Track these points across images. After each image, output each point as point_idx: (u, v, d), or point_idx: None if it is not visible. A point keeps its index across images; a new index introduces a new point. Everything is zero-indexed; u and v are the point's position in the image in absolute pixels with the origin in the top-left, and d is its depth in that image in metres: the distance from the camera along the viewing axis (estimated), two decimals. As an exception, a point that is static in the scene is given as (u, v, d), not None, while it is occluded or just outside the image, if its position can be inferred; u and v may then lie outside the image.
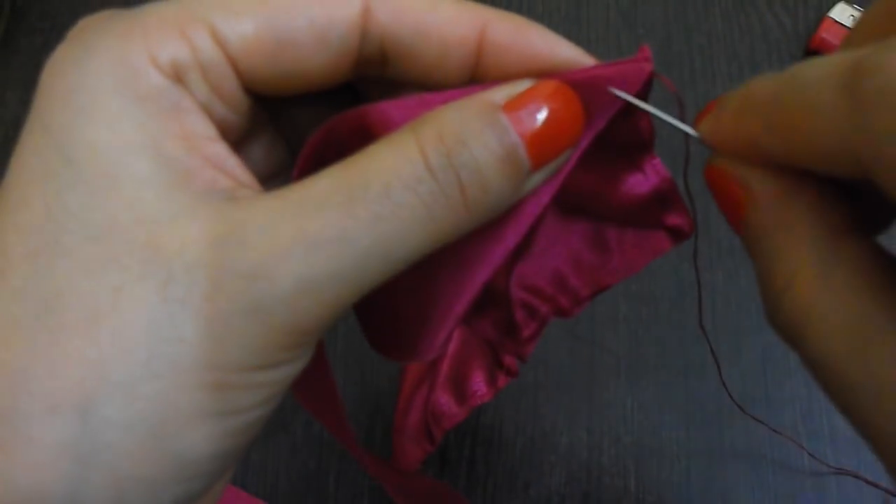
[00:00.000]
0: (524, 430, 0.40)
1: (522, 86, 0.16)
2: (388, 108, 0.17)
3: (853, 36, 0.15)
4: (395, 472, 0.31)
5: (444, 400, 0.32)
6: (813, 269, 0.14)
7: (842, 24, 0.46)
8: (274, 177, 0.20)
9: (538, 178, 0.16)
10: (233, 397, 0.15)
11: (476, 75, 0.18)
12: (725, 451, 0.39)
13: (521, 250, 0.23)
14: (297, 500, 0.39)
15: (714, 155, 0.17)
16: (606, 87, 0.17)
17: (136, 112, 0.15)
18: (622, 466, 0.39)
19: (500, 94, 0.16)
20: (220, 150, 0.16)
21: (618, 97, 0.17)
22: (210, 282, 0.14)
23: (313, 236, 0.14)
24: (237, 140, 0.19)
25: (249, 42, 0.16)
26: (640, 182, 0.21)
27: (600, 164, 0.21)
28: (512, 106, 0.16)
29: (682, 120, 0.18)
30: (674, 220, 0.22)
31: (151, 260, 0.14)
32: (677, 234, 0.22)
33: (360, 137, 0.17)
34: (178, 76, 0.16)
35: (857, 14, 0.46)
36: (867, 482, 0.37)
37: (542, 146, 0.16)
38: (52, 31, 0.52)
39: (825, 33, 0.46)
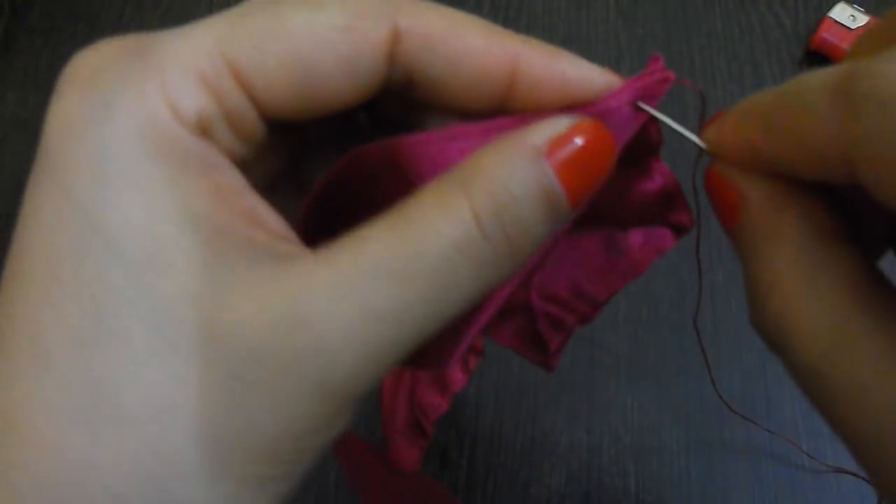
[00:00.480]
0: (524, 430, 0.40)
1: (560, 125, 0.16)
2: (420, 143, 0.17)
3: (853, 51, 0.16)
4: (392, 475, 0.32)
5: (427, 393, 0.33)
6: (797, 275, 0.14)
7: (842, 24, 0.46)
8: (274, 184, 0.20)
9: (574, 213, 0.17)
10: (291, 466, 0.15)
11: (507, 104, 0.17)
12: (725, 451, 0.39)
13: (540, 260, 0.24)
14: (297, 500, 0.39)
15: (714, 161, 0.17)
16: (631, 103, 0.18)
17: (166, 176, 0.14)
18: (622, 466, 0.39)
19: (541, 136, 0.16)
20: (253, 201, 0.16)
21: (642, 110, 0.18)
22: (276, 365, 0.14)
23: (374, 312, 0.14)
24: (261, 173, 0.18)
25: (274, 81, 0.15)
26: (648, 185, 0.21)
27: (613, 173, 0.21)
28: (553, 150, 0.16)
29: (704, 116, 0.18)
30: (677, 216, 0.22)
31: (211, 345, 0.14)
32: (680, 230, 0.22)
33: (390, 171, 0.17)
34: (203, 129, 0.15)
35: (857, 14, 0.46)
36: (867, 481, 0.37)
37: (581, 187, 0.16)
38: (52, 31, 0.52)
39: (825, 33, 0.46)
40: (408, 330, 0.14)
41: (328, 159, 0.20)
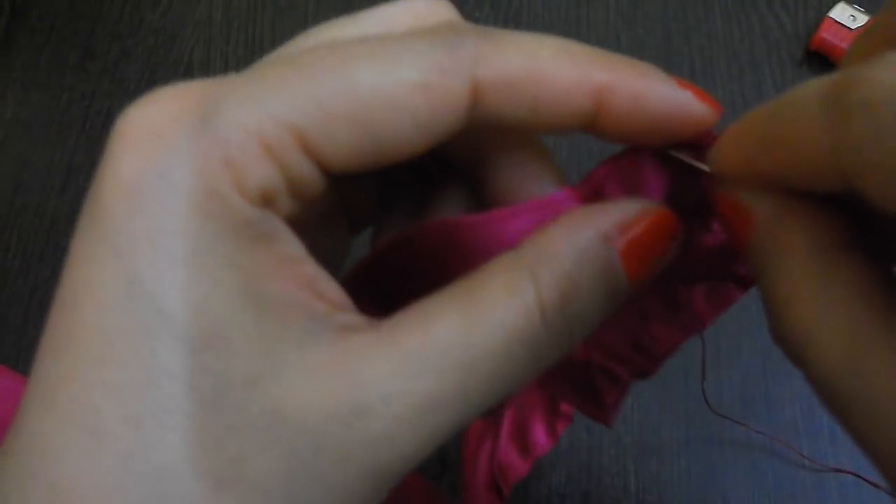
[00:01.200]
0: (524, 430, 0.40)
1: (629, 210, 0.16)
2: (479, 223, 0.16)
3: (843, 62, 0.16)
4: None
5: (509, 453, 0.32)
6: (809, 287, 0.14)
7: (842, 24, 0.46)
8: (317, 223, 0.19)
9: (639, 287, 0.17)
10: None
11: (592, 129, 0.17)
12: (725, 451, 0.39)
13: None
14: (297, 500, 0.39)
15: (719, 181, 0.17)
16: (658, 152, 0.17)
17: (227, 252, 0.14)
18: (622, 466, 0.39)
19: (609, 221, 0.16)
20: (313, 270, 0.15)
21: (671, 155, 0.17)
22: (337, 452, 0.14)
23: (437, 400, 0.14)
24: (322, 220, 0.18)
25: (343, 147, 0.14)
26: (709, 239, 0.20)
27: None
28: (621, 236, 0.16)
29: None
30: (742, 270, 0.21)
31: (270, 429, 0.13)
32: (745, 283, 0.21)
33: (448, 250, 0.17)
34: (266, 201, 0.14)
35: (857, 14, 0.46)
36: (867, 482, 0.37)
37: (643, 272, 0.16)
38: (51, 31, 0.52)
39: (825, 33, 0.46)
40: (464, 415, 0.15)
41: (385, 198, 0.20)
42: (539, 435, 0.30)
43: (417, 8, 0.17)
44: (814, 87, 0.13)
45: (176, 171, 0.14)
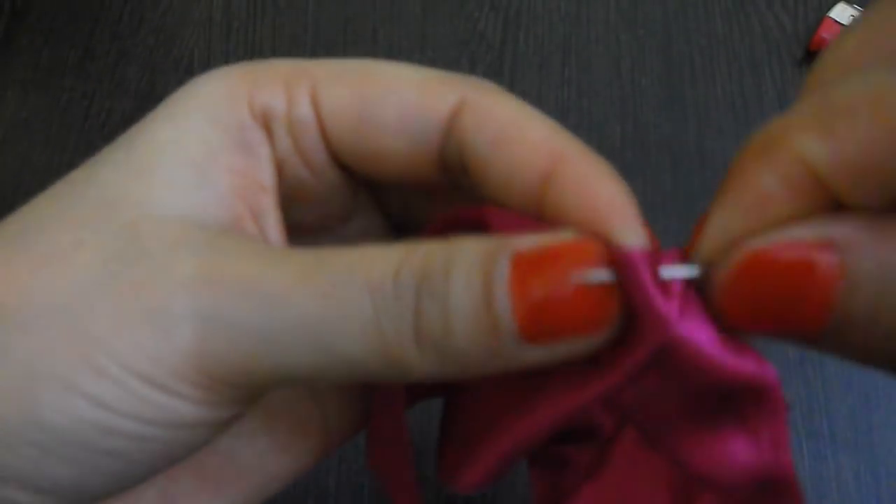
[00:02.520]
0: (524, 430, 0.40)
1: (557, 238, 0.14)
2: (498, 215, 0.16)
3: (819, 76, 0.15)
4: None
5: None
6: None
7: (842, 25, 0.46)
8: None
9: (540, 354, 0.14)
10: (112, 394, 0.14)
11: (541, 209, 0.16)
12: (725, 451, 0.39)
13: (590, 472, 0.18)
14: (298, 500, 0.39)
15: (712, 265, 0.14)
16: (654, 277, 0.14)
17: (207, 131, 0.16)
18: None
19: (528, 241, 0.14)
20: (266, 203, 0.17)
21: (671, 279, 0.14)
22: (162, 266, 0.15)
23: (259, 286, 0.14)
24: (329, 212, 0.19)
25: (338, 108, 0.17)
26: (747, 450, 0.15)
27: (697, 402, 0.16)
28: (526, 258, 0.13)
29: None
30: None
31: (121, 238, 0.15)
32: None
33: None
34: (266, 123, 0.17)
35: (857, 14, 0.46)
36: (867, 482, 0.37)
37: (542, 319, 0.13)
38: (51, 31, 0.52)
39: (825, 33, 0.46)
40: (279, 326, 0.14)
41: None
42: None
43: None
44: (759, 135, 0.14)
45: (214, 78, 0.17)
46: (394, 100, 0.17)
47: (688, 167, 0.45)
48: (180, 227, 0.15)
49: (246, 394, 0.15)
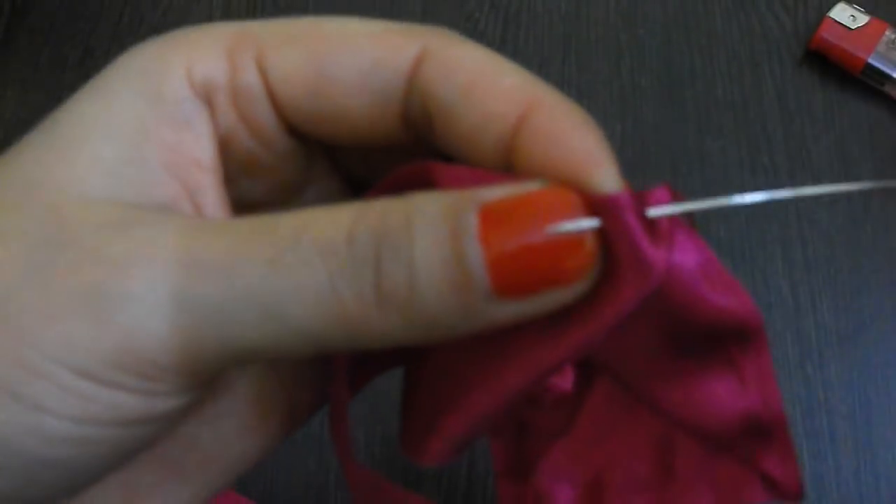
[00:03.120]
0: (524, 430, 0.40)
1: (527, 187, 0.13)
2: (446, 169, 0.15)
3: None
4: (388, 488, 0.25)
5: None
6: None
7: (842, 24, 0.46)
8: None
9: (512, 310, 0.13)
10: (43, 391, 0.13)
11: (511, 161, 0.15)
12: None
13: (556, 432, 0.18)
14: (297, 500, 0.39)
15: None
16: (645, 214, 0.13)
17: (138, 106, 0.15)
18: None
19: (496, 192, 0.13)
20: (204, 181, 0.16)
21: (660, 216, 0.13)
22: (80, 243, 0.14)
23: (197, 256, 0.13)
24: (283, 184, 0.18)
25: (290, 72, 0.16)
26: (733, 392, 0.15)
27: (678, 347, 0.15)
28: (496, 209, 0.13)
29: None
30: (773, 467, 0.15)
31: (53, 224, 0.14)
32: (775, 490, 0.15)
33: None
34: (207, 96, 0.16)
35: (857, 14, 0.46)
36: (867, 482, 0.37)
37: (516, 271, 0.13)
38: (51, 31, 0.52)
39: (825, 33, 0.46)
40: (223, 297, 0.13)
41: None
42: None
43: None
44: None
45: (148, 47, 0.16)
46: (351, 57, 0.15)
47: (688, 167, 0.45)
48: (107, 208, 0.14)
49: (196, 379, 0.14)
